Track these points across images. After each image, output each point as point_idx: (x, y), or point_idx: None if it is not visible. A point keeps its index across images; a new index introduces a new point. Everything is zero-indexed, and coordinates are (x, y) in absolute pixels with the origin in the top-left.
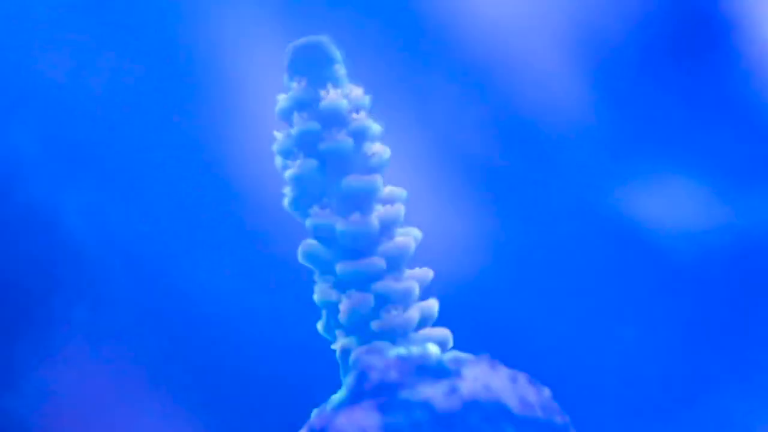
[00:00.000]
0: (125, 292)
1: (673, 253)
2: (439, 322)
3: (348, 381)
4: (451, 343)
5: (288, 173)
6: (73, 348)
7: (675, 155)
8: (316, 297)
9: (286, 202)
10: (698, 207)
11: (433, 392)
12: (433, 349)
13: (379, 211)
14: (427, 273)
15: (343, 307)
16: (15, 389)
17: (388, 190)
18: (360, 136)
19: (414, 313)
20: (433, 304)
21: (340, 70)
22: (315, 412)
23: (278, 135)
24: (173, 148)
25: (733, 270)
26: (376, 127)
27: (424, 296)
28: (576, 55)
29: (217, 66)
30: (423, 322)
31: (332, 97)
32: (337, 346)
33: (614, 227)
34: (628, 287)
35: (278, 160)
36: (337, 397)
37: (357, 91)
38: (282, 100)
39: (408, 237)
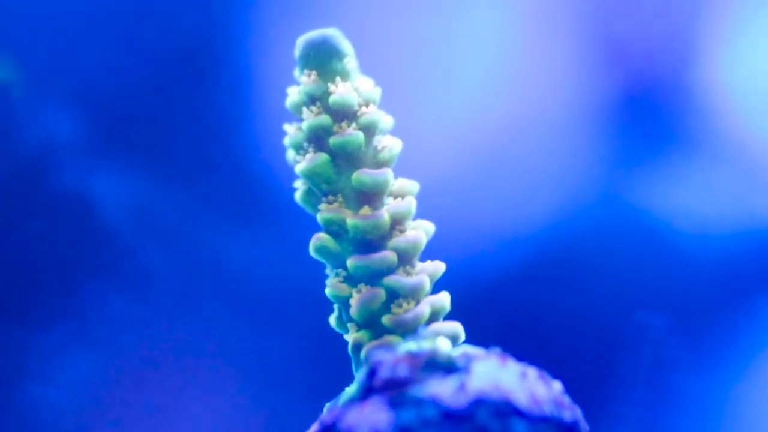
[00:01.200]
0: (159, 279)
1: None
2: (451, 315)
3: (359, 376)
4: (462, 337)
5: (299, 167)
6: (107, 336)
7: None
8: (328, 291)
9: (297, 195)
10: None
11: (442, 388)
12: (444, 343)
13: (389, 205)
14: (439, 266)
15: (354, 301)
16: (49, 379)
17: (399, 183)
18: (370, 129)
19: (425, 307)
20: (444, 298)
21: (351, 63)
22: (327, 406)
23: (289, 128)
24: (200, 139)
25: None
26: (386, 120)
27: (435, 289)
28: None
29: (234, 60)
30: (434, 316)
31: (342, 90)
32: (349, 340)
33: (632, 223)
34: (640, 281)
35: (290, 154)
36: (348, 391)
37: (367, 84)
38: (292, 93)
39: (419, 230)
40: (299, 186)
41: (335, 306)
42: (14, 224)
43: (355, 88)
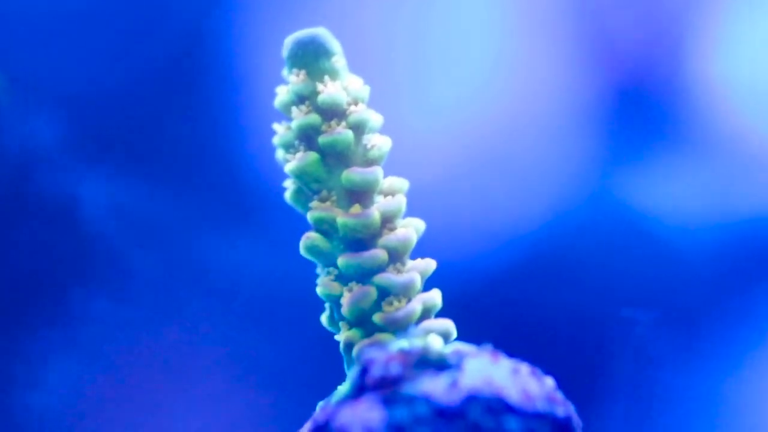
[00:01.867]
0: (145, 283)
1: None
2: (442, 313)
3: (351, 374)
4: (454, 334)
5: (288, 166)
6: (94, 340)
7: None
8: (319, 290)
9: (287, 195)
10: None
11: (434, 386)
12: (436, 340)
13: (380, 203)
14: (430, 264)
15: (345, 300)
16: (36, 385)
17: (389, 181)
18: (360, 127)
19: (416, 304)
20: (435, 295)
21: (339, 61)
22: (319, 405)
23: (278, 128)
24: (187, 141)
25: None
26: (376, 119)
27: (426, 287)
28: None
29: (221, 60)
30: (426, 314)
31: (331, 89)
32: (340, 339)
33: (622, 220)
34: (630, 278)
35: (279, 153)
36: (340, 390)
37: (356, 83)
38: (281, 92)
39: (409, 228)
40: (289, 185)
41: (326, 305)
42: None
43: (343, 86)
